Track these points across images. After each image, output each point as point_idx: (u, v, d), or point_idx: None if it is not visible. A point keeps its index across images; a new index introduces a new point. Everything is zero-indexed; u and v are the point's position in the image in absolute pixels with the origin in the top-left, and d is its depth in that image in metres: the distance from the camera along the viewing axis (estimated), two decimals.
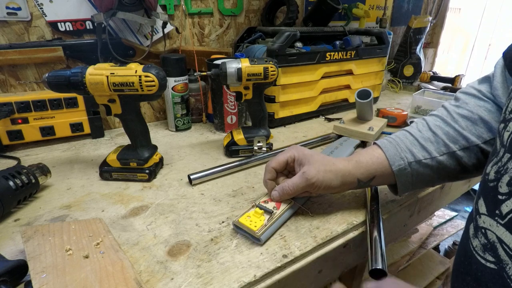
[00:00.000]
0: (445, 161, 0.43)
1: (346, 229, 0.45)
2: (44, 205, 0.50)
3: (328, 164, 0.44)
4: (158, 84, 0.51)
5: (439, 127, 0.44)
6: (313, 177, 0.42)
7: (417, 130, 0.46)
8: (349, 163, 0.45)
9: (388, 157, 0.44)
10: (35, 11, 0.68)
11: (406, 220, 0.57)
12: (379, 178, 0.44)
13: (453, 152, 0.42)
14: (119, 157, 0.57)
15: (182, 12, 0.84)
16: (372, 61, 0.98)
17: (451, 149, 0.42)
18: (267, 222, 0.42)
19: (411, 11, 1.47)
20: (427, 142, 0.44)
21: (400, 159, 0.43)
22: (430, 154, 0.43)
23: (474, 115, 0.42)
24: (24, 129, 0.68)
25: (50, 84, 0.51)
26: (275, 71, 0.62)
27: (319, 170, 0.43)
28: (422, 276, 1.30)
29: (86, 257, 0.35)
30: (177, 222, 0.46)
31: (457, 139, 0.42)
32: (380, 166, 0.44)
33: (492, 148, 0.39)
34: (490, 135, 0.41)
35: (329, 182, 0.43)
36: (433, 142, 0.43)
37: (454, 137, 0.43)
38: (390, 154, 0.44)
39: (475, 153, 0.42)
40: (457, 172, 0.44)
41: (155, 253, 0.40)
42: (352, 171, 0.44)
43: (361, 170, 0.44)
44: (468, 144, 0.42)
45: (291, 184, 0.44)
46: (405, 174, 0.43)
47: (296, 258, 0.40)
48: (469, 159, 0.42)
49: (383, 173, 0.44)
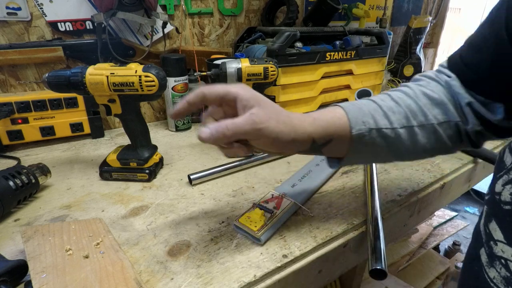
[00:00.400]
0: (402, 135, 0.39)
1: (346, 229, 0.45)
2: (44, 205, 0.50)
3: (282, 114, 0.36)
4: (158, 84, 0.51)
5: (401, 99, 0.41)
6: (263, 123, 0.33)
7: (380, 99, 0.42)
8: (306, 119, 0.37)
9: (350, 118, 0.38)
10: (35, 11, 0.68)
11: (406, 220, 0.57)
12: (335, 143, 0.38)
13: (411, 127, 0.39)
14: (119, 157, 0.57)
15: (182, 12, 0.84)
16: (372, 61, 0.98)
17: (410, 123, 0.39)
18: (267, 222, 0.42)
19: (411, 11, 1.47)
20: (389, 111, 0.39)
21: (362, 123, 0.38)
22: (391, 124, 0.39)
23: (435, 95, 0.40)
24: (24, 129, 0.68)
25: (50, 84, 0.51)
26: (275, 71, 0.62)
27: (271, 117, 0.34)
28: (422, 276, 1.30)
29: (86, 257, 0.35)
30: (177, 222, 0.46)
31: (417, 114, 0.39)
32: (339, 128, 0.38)
33: (444, 133, 0.39)
34: (444, 118, 0.39)
35: (280, 134, 0.34)
36: (395, 112, 0.39)
37: (415, 111, 0.40)
38: (353, 116, 0.38)
39: (428, 133, 0.40)
40: (409, 151, 0.40)
41: (155, 253, 0.40)
42: (307, 128, 0.37)
43: (319, 129, 0.37)
44: (426, 121, 0.39)
45: (231, 124, 0.33)
46: (362, 142, 0.38)
47: (296, 258, 0.40)
48: (422, 138, 0.39)
49: (341, 137, 0.38)
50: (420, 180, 0.58)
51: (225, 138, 0.33)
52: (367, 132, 0.38)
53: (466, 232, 2.00)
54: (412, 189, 0.56)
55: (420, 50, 1.34)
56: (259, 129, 0.33)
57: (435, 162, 0.66)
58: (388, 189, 0.55)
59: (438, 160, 0.66)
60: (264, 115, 0.34)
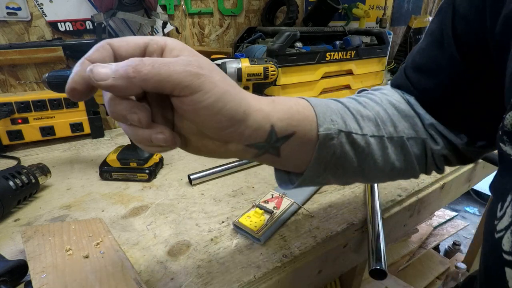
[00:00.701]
0: (373, 145, 0.32)
1: (346, 229, 0.45)
2: (44, 205, 0.50)
3: (231, 82, 0.25)
4: None
5: (369, 105, 0.34)
6: (203, 69, 0.22)
7: (346, 101, 0.34)
8: (261, 98, 0.28)
9: (318, 113, 0.29)
10: (35, 11, 0.68)
11: (406, 220, 0.57)
12: (297, 141, 0.28)
13: (382, 137, 0.32)
14: (119, 157, 0.57)
15: (182, 12, 0.84)
16: (372, 61, 0.98)
17: (380, 133, 0.32)
18: (267, 222, 0.42)
19: (411, 11, 1.47)
20: (358, 115, 0.32)
21: (330, 121, 0.29)
22: (361, 129, 0.31)
23: (402, 106, 0.35)
24: (24, 129, 0.68)
25: (50, 84, 0.51)
26: (275, 71, 0.62)
27: (214, 70, 0.23)
28: (422, 276, 1.30)
29: (86, 257, 0.35)
30: (177, 222, 0.46)
31: (386, 124, 0.33)
32: (304, 121, 0.28)
33: (412, 151, 0.33)
34: (412, 133, 0.34)
35: (226, 95, 0.23)
36: (363, 116, 0.32)
37: (384, 120, 0.33)
38: (320, 111, 0.29)
39: (397, 148, 0.33)
40: (378, 167, 0.33)
41: (155, 253, 0.40)
42: (264, 108, 0.26)
43: (280, 113, 0.27)
44: (395, 133, 0.33)
45: (157, 63, 0.21)
46: (328, 147, 0.29)
47: (296, 258, 0.40)
48: (392, 153, 0.33)
49: (305, 135, 0.28)
50: (420, 180, 0.58)
51: (137, 78, 0.20)
52: (336, 134, 0.29)
53: (466, 232, 2.01)
54: (412, 189, 0.56)
55: None
56: (197, 75, 0.22)
57: None
58: (388, 189, 0.55)
59: None
60: (207, 65, 0.23)
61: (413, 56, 0.36)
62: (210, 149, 0.26)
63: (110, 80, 0.20)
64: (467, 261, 1.32)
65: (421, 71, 0.35)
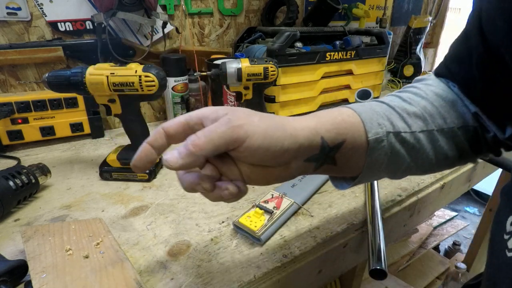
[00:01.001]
0: (423, 140, 0.32)
1: (346, 229, 0.45)
2: (44, 205, 0.50)
3: (269, 116, 0.28)
4: (158, 84, 0.51)
5: (414, 100, 0.34)
6: (241, 119, 0.26)
7: (389, 100, 0.35)
8: (307, 118, 0.30)
9: (364, 119, 0.30)
10: (35, 11, 0.68)
11: (406, 220, 0.57)
12: (348, 147, 0.30)
13: (431, 131, 0.33)
14: (119, 157, 0.57)
15: (182, 12, 0.84)
16: (372, 61, 0.98)
17: (429, 127, 0.33)
18: (267, 222, 0.42)
19: (411, 11, 1.47)
20: (404, 113, 0.33)
21: (377, 126, 0.30)
22: (409, 127, 0.32)
23: (449, 96, 0.34)
24: (24, 129, 0.68)
25: (50, 84, 0.51)
26: (275, 71, 0.62)
27: (251, 115, 0.27)
28: (422, 276, 1.30)
29: (86, 257, 0.35)
30: (177, 222, 0.46)
31: (435, 117, 0.33)
32: (352, 127, 0.30)
33: (465, 139, 0.33)
34: (462, 122, 0.34)
35: (269, 129, 0.26)
36: (410, 114, 0.32)
37: (432, 113, 0.33)
38: (366, 117, 0.31)
39: (448, 138, 0.33)
40: (430, 160, 0.33)
41: (155, 253, 0.40)
42: (311, 125, 0.28)
43: (326, 125, 0.29)
44: (445, 125, 0.33)
45: (202, 132, 0.25)
46: (379, 149, 0.31)
47: (296, 258, 0.40)
48: (444, 144, 0.33)
49: (355, 141, 0.30)
50: (420, 180, 0.58)
51: (197, 151, 0.25)
52: (385, 136, 0.30)
53: (466, 232, 2.01)
54: (412, 189, 0.56)
55: (420, 50, 1.34)
56: (239, 126, 0.25)
57: None
58: (388, 189, 0.55)
59: None
60: (242, 114, 0.27)
61: (452, 45, 0.36)
62: (276, 176, 0.29)
63: (180, 162, 0.25)
64: (467, 261, 1.32)
65: (458, 60, 0.34)
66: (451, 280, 1.23)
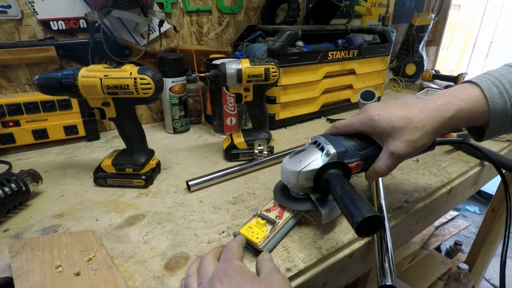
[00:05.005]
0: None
1: (351, 239, 0.43)
2: (35, 214, 0.48)
3: (417, 128, 0.37)
4: (154, 87, 0.49)
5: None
6: (405, 154, 0.39)
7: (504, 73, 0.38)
8: (433, 99, 0.38)
9: (492, 110, 0.36)
10: (26, 9, 0.65)
11: (413, 226, 0.55)
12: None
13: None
14: (114, 162, 0.54)
15: (179, 10, 0.81)
16: (374, 60, 0.96)
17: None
18: (269, 233, 0.40)
19: (413, 8, 1.44)
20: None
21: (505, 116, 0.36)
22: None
23: None
24: (15, 132, 0.65)
25: (41, 86, 0.49)
26: (277, 72, 0.59)
27: (407, 141, 0.38)
28: (424, 277, 1.29)
29: (77, 275, 0.32)
30: (175, 232, 0.44)
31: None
32: (476, 115, 0.37)
33: None
34: None
35: (422, 145, 0.38)
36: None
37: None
38: (495, 111, 0.36)
39: None
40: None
41: (152, 267, 0.38)
42: (438, 102, 0.37)
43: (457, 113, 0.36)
44: None
45: (384, 167, 0.40)
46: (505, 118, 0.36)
47: (301, 271, 0.38)
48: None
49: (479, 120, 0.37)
50: (427, 185, 0.56)
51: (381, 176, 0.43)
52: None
53: (467, 231, 1.99)
54: (419, 194, 0.54)
55: (423, 48, 1.31)
56: (402, 159, 0.39)
57: (441, 166, 0.63)
58: (394, 195, 0.53)
59: (444, 164, 0.64)
60: (402, 145, 0.38)
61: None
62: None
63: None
64: (469, 262, 1.30)
65: None
66: (453, 281, 1.22)
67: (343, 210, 0.35)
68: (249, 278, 0.29)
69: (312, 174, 0.40)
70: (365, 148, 0.43)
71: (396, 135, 0.39)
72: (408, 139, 0.38)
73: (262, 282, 0.29)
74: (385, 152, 0.40)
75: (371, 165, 0.42)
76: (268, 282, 0.29)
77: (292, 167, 0.41)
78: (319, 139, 0.43)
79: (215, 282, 0.29)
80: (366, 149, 0.43)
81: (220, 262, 0.32)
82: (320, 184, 0.41)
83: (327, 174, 0.40)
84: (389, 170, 0.40)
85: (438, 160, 0.66)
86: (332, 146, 0.41)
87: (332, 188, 0.38)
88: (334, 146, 0.41)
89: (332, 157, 0.41)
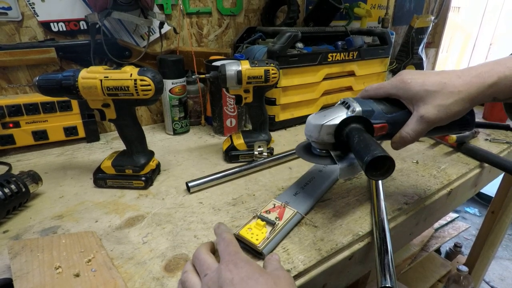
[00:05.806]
0: None
1: (351, 241, 0.43)
2: (35, 215, 0.48)
3: (451, 93, 0.36)
4: (154, 88, 0.49)
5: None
6: (435, 120, 0.37)
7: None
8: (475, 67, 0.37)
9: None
10: (26, 10, 0.65)
11: (413, 228, 0.55)
12: None
13: None
14: (114, 163, 0.54)
15: (179, 12, 0.82)
16: (374, 62, 0.96)
17: None
18: (269, 235, 0.40)
19: (413, 10, 1.45)
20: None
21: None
22: None
23: None
24: (15, 134, 0.65)
25: (41, 88, 0.49)
26: (277, 74, 0.60)
27: (439, 105, 0.36)
28: (424, 279, 1.29)
29: (77, 276, 0.32)
30: (175, 234, 0.44)
31: None
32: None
33: None
34: None
35: (455, 112, 0.36)
36: None
37: None
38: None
39: None
40: None
41: (151, 268, 0.38)
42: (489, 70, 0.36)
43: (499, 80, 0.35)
44: None
45: (412, 133, 0.39)
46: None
47: (300, 273, 0.38)
48: None
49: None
50: (426, 186, 0.57)
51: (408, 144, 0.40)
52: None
53: (467, 233, 1.99)
54: (418, 196, 0.54)
55: (422, 50, 1.32)
56: (434, 124, 0.38)
57: (441, 168, 0.64)
58: (394, 197, 0.53)
59: (444, 166, 0.64)
60: (432, 109, 0.37)
61: None
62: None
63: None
64: (468, 264, 1.30)
65: None
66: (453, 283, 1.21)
67: (357, 155, 0.35)
68: (257, 269, 0.30)
69: (334, 129, 0.40)
70: (393, 112, 0.42)
71: (428, 99, 0.37)
72: (440, 103, 0.36)
73: (269, 274, 0.30)
74: (415, 117, 0.39)
75: (398, 131, 0.41)
76: (275, 275, 0.30)
77: (315, 121, 0.41)
78: (347, 99, 0.43)
79: (225, 272, 0.29)
80: (394, 113, 0.42)
81: (226, 254, 0.32)
82: (341, 139, 0.40)
83: (348, 129, 0.39)
84: (416, 137, 0.39)
85: (438, 162, 0.66)
86: (359, 105, 0.41)
87: (351, 138, 0.37)
88: (361, 105, 0.41)
89: (357, 114, 0.40)
